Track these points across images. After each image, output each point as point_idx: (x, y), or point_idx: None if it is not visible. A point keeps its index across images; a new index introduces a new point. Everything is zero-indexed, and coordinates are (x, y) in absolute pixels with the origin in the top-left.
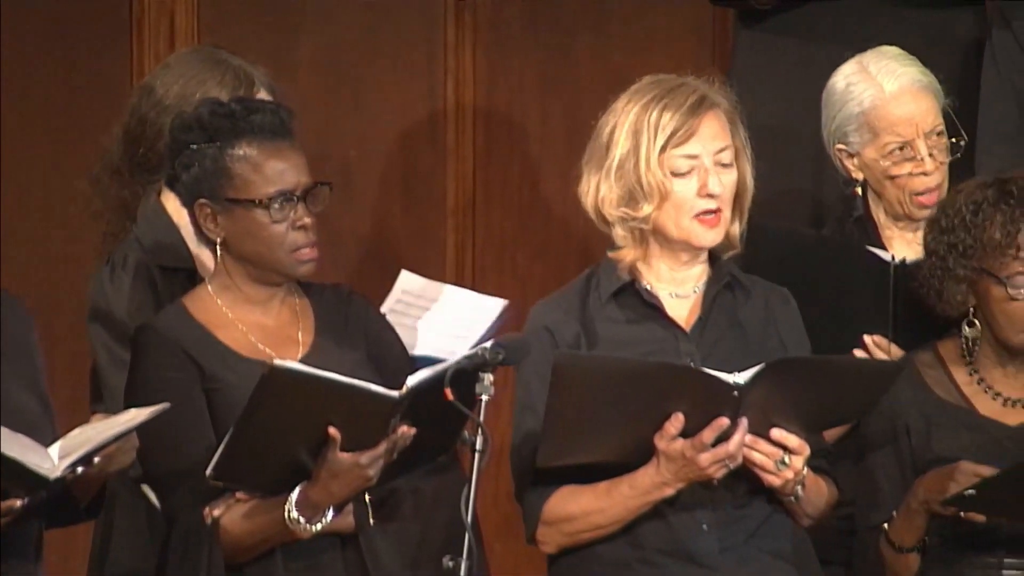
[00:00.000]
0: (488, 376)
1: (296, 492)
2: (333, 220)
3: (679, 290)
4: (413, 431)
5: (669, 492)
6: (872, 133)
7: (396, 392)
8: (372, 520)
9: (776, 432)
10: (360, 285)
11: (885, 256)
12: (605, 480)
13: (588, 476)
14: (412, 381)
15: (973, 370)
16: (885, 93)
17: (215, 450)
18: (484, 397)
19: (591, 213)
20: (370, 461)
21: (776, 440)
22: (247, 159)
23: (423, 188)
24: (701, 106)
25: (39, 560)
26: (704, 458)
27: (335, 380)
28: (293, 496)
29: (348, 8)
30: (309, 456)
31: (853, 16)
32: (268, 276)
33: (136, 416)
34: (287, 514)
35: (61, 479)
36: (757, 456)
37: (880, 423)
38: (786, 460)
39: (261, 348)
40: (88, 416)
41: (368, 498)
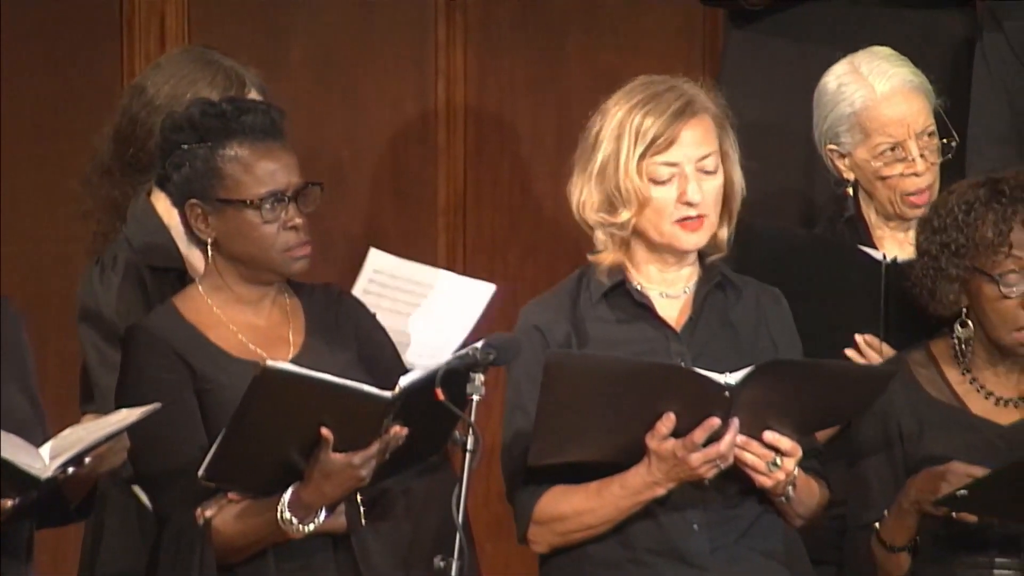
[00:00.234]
0: (479, 376)
1: (288, 493)
2: (324, 220)
3: (669, 290)
4: (406, 431)
5: (660, 492)
6: (863, 134)
7: (389, 392)
8: (364, 520)
9: (769, 434)
10: (351, 285)
11: (877, 255)
12: (597, 480)
13: (580, 476)
14: (405, 381)
15: (965, 369)
16: (876, 94)
17: (206, 450)
18: (475, 397)
19: (575, 215)
20: (363, 461)
21: (769, 442)
22: (238, 159)
23: (414, 188)
24: (684, 113)
25: (30, 560)
26: (695, 458)
27: (328, 381)
28: (286, 497)
29: (339, 8)
30: (301, 457)
31: (844, 16)
32: (260, 276)
33: (127, 416)
34: (280, 515)
35: (52, 479)
36: (749, 457)
37: (872, 422)
38: (778, 462)
39: (252, 348)
40: (78, 416)
41: (360, 498)
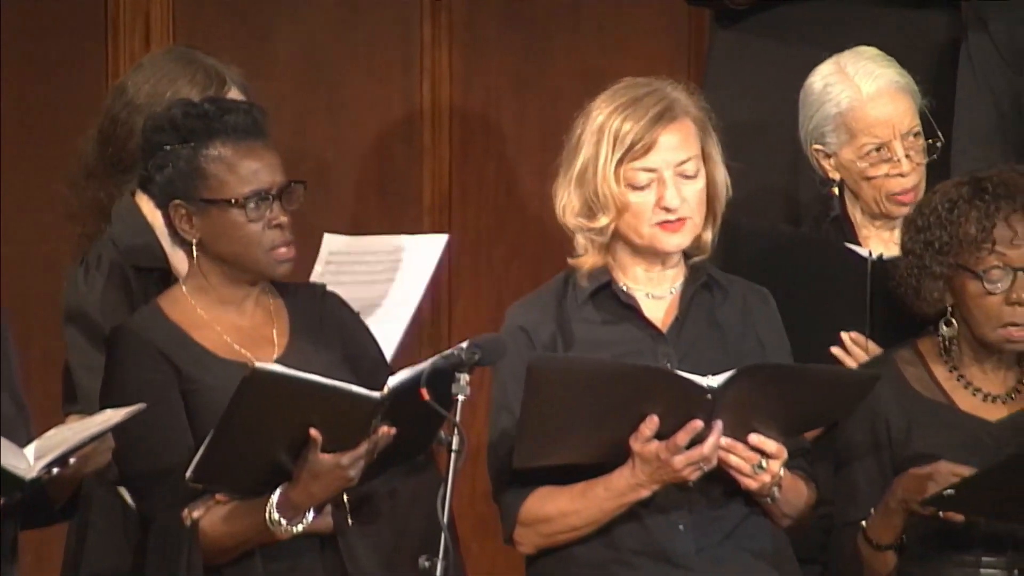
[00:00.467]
0: (464, 376)
1: (277, 494)
2: (309, 219)
3: (656, 291)
4: (394, 431)
5: (644, 494)
6: (849, 134)
7: (378, 393)
8: (351, 521)
9: (754, 437)
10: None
11: (863, 252)
12: (582, 481)
13: (566, 477)
14: (393, 382)
15: (953, 367)
16: (862, 94)
17: (192, 451)
18: (460, 397)
19: (559, 219)
20: (351, 462)
21: (754, 445)
22: (221, 159)
23: (399, 187)
24: (663, 117)
25: (14, 560)
26: (678, 460)
27: (317, 382)
28: (274, 498)
29: (324, 8)
30: (289, 457)
31: (829, 16)
32: (245, 276)
33: (112, 417)
34: (268, 515)
35: (37, 480)
36: (734, 459)
37: (860, 420)
38: (763, 464)
39: (237, 349)
40: (63, 417)
41: (347, 499)
